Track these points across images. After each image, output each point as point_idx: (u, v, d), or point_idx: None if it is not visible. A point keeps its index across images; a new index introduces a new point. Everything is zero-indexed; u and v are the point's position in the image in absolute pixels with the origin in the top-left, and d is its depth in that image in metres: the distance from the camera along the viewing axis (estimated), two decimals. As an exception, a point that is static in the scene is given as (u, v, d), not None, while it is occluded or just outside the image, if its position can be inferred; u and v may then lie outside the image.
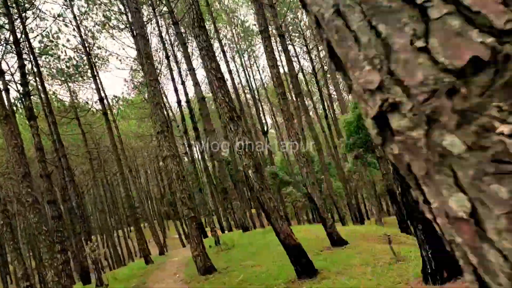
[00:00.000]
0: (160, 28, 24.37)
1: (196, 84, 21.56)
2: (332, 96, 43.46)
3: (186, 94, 28.40)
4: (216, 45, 39.64)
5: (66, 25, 25.40)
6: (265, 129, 39.71)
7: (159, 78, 20.99)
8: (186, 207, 11.60)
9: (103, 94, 22.45)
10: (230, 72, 28.06)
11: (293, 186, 40.36)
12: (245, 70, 42.24)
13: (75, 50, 26.12)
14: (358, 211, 37.80)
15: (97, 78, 21.62)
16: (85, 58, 24.93)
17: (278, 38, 34.43)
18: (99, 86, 21.48)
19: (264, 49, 10.19)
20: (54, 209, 14.01)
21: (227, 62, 28.21)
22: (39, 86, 21.75)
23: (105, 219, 40.32)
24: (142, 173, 73.28)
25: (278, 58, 49.14)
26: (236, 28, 41.71)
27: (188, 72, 32.72)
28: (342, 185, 45.61)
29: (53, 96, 33.22)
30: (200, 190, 21.17)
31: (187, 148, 24.12)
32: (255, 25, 48.00)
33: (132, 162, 49.59)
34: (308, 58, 38.36)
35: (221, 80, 7.49)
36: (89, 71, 27.25)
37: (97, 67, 26.33)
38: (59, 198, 36.06)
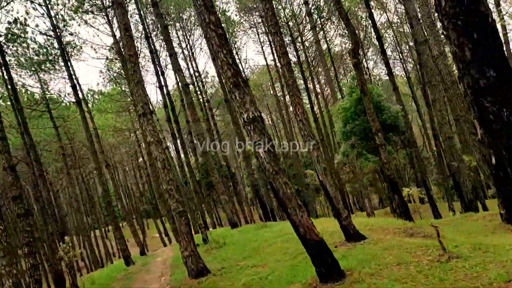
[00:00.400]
0: (138, 3, 22.51)
1: (179, 70, 19.90)
2: (316, 88, 42.40)
3: (166, 86, 26.62)
4: (198, 32, 37.98)
5: (34, 8, 23.22)
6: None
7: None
8: (174, 200, 10.05)
9: (76, 82, 20.52)
10: (214, 59, 26.31)
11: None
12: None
13: (45, 34, 23.97)
14: (344, 204, 36.91)
15: (69, 63, 19.70)
16: (56, 44, 22.93)
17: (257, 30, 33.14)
18: (71, 72, 19.56)
19: (265, 13, 8.75)
20: (21, 206, 12.23)
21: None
22: (5, 75, 19.75)
23: (82, 219, 38.16)
24: (121, 171, 70.96)
25: (260, 50, 47.68)
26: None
27: (169, 59, 31.01)
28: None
29: (23, 88, 31.01)
30: (186, 183, 19.58)
31: (170, 140, 22.32)
32: (236, 15, 46.43)
33: (109, 158, 47.40)
34: (293, 48, 37.00)
35: (222, 37, 6.00)
36: (60, 58, 25.27)
37: (69, 53, 24.29)
38: (31, 197, 33.74)
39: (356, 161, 23.33)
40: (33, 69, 28.87)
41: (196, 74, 37.97)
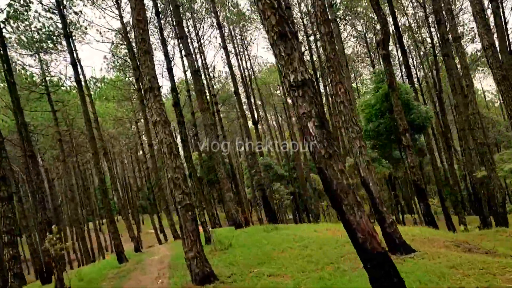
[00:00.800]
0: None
1: (189, 54, 18.40)
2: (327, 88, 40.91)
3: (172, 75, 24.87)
4: (208, 22, 36.51)
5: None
6: (256, 118, 36.61)
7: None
8: (180, 191, 8.54)
9: (76, 59, 19.02)
10: (225, 48, 24.93)
11: (280, 182, 37.73)
12: (237, 55, 39.09)
13: (48, 10, 22.49)
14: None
15: (70, 40, 18.17)
16: (58, 20, 21.47)
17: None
18: (72, 48, 18.04)
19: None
20: (4, 189, 10.74)
21: (223, 37, 25.09)
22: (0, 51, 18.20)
23: (76, 209, 36.55)
24: (119, 164, 69.47)
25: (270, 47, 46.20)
26: (229, 8, 38.52)
27: (176, 49, 29.52)
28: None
29: (22, 70, 29.58)
30: (190, 175, 18.07)
31: (177, 127, 20.64)
32: (248, 9, 44.99)
33: (108, 149, 45.92)
34: (307, 46, 35.58)
35: (266, -28, 4.49)
36: (62, 36, 23.85)
37: (72, 32, 22.78)
38: (26, 184, 32.17)
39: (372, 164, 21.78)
40: (34, 48, 27.45)
41: (204, 67, 36.48)
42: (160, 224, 39.08)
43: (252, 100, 40.50)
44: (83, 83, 21.60)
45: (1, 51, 17.58)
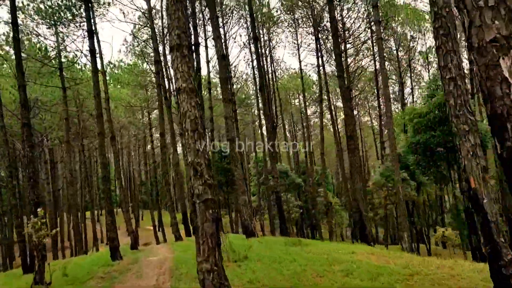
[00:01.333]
0: None
1: (218, 37, 16.49)
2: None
3: (198, 55, 22.82)
4: (236, 16, 34.79)
5: None
6: (275, 123, 34.53)
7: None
8: (201, 181, 6.49)
9: (93, 27, 17.20)
10: (256, 39, 22.98)
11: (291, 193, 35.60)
12: (261, 56, 37.08)
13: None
14: (363, 233, 33.07)
15: (89, 4, 16.31)
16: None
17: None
18: (90, 15, 16.19)
19: None
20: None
21: (254, 27, 23.18)
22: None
23: (75, 195, 34.61)
24: (125, 155, 67.94)
25: (296, 52, 44.35)
26: (259, 6, 36.69)
27: (205, 29, 27.72)
28: (346, 200, 41.05)
29: (37, 43, 27.97)
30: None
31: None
32: (277, 10, 43.01)
33: (116, 134, 44.15)
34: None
35: None
36: (83, 12, 22.16)
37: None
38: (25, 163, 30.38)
39: (401, 184, 19.62)
40: (52, 19, 25.72)
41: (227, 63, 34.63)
42: (160, 221, 36.93)
43: (273, 99, 38.43)
44: (98, 59, 19.84)
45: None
